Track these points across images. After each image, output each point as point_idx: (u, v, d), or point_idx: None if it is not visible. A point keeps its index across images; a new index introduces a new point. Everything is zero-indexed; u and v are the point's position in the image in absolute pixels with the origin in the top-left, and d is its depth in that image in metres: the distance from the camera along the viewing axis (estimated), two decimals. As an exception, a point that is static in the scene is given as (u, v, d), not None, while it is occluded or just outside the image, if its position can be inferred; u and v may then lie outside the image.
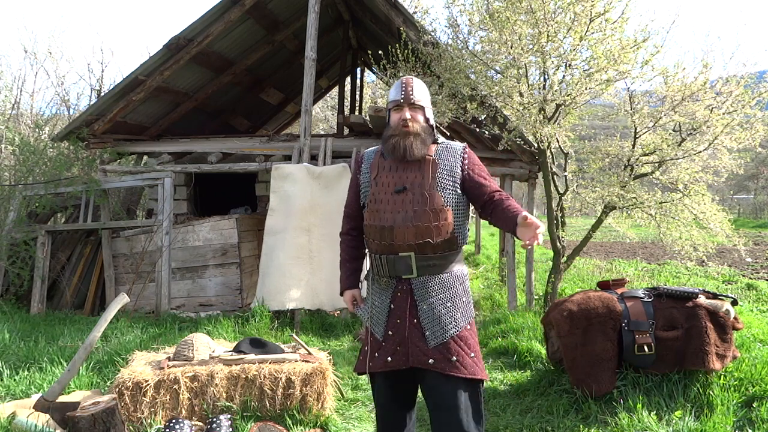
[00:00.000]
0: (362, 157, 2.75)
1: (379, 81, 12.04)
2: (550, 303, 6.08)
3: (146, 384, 3.42)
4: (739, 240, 5.94)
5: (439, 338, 2.46)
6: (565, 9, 5.25)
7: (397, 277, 2.53)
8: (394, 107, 2.60)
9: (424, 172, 2.53)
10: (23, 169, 7.16)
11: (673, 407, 3.54)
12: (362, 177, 2.68)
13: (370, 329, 2.61)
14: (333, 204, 6.63)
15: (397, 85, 2.63)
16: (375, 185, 2.59)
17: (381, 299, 2.57)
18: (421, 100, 2.59)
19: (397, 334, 2.50)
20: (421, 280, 2.51)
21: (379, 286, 2.59)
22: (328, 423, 3.56)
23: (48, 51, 14.80)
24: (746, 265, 12.05)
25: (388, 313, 2.53)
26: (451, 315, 2.49)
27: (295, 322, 6.16)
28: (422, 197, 2.48)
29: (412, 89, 2.59)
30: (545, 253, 12.94)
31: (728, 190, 22.46)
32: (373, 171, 2.63)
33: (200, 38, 6.84)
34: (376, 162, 2.64)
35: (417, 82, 2.64)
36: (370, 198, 2.59)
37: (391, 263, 2.51)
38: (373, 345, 2.57)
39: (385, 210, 2.52)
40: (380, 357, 2.52)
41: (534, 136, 5.77)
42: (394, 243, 2.49)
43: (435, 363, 2.43)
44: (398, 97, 2.59)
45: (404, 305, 2.51)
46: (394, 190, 2.52)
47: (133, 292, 6.80)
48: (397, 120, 2.57)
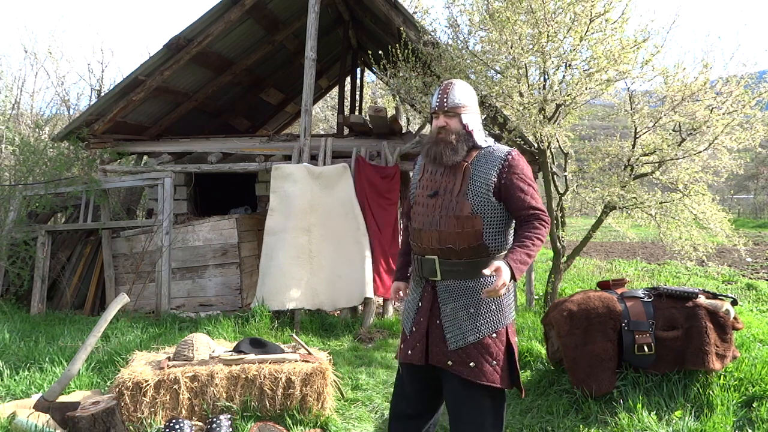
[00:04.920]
0: (418, 159, 2.83)
1: (379, 81, 12.05)
2: (550, 303, 6.08)
3: (146, 384, 3.41)
4: (739, 240, 5.94)
5: (459, 342, 2.49)
6: (565, 9, 5.25)
7: (425, 277, 2.61)
8: (433, 113, 2.62)
9: (456, 179, 2.54)
10: (23, 169, 7.15)
11: (673, 407, 3.54)
12: (414, 177, 2.79)
13: (402, 322, 2.76)
14: (333, 204, 6.63)
15: (436, 91, 2.64)
16: (419, 187, 2.69)
17: (413, 296, 2.70)
18: (457, 107, 2.54)
19: (419, 331, 2.59)
20: (445, 284, 2.54)
21: (414, 284, 2.72)
22: (328, 423, 3.56)
23: (48, 51, 14.75)
24: (746, 265, 12.05)
25: (417, 311, 2.63)
26: (474, 321, 2.48)
27: (295, 322, 6.16)
28: (450, 203, 2.51)
29: (447, 96, 2.55)
30: (545, 253, 12.93)
31: (728, 190, 22.40)
32: (420, 173, 2.73)
33: (200, 38, 6.83)
34: (424, 164, 2.72)
35: (457, 87, 2.59)
36: (414, 199, 2.70)
37: (419, 264, 2.62)
38: (403, 336, 2.72)
39: (419, 212, 2.61)
40: (404, 348, 2.65)
41: (534, 136, 5.77)
42: (422, 245, 2.58)
43: (453, 365, 2.48)
44: (434, 105, 2.60)
45: (428, 306, 2.59)
46: (428, 194, 2.59)
47: (133, 292, 6.80)
48: (434, 127, 2.61)
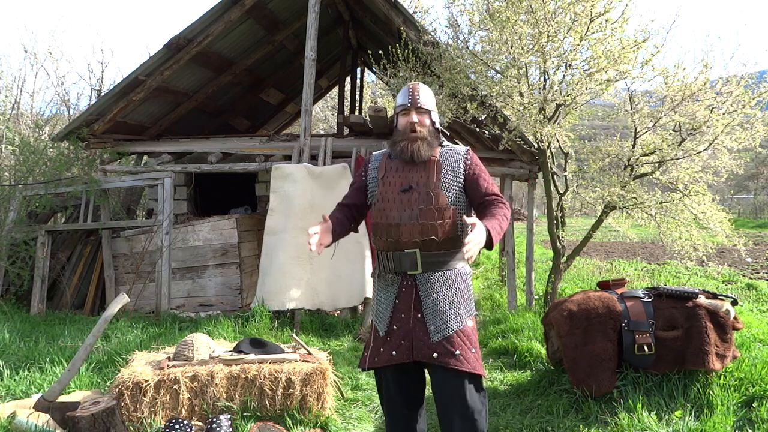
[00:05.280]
0: (369, 159, 2.85)
1: (379, 81, 12.06)
2: (550, 303, 6.08)
3: (146, 384, 3.42)
4: (739, 240, 5.94)
5: (443, 332, 2.53)
6: (565, 9, 5.25)
7: (402, 273, 2.61)
8: (401, 111, 2.73)
9: (429, 173, 2.63)
10: (23, 169, 7.15)
11: (673, 407, 3.54)
12: (369, 177, 2.79)
13: (375, 325, 2.69)
14: (333, 204, 6.55)
15: (405, 90, 2.74)
16: (382, 185, 2.68)
17: (386, 295, 2.66)
18: (427, 105, 2.71)
19: (402, 328, 2.59)
20: (425, 276, 2.59)
21: (385, 283, 2.68)
22: (328, 423, 3.56)
23: (48, 51, 14.79)
24: (746, 265, 12.05)
25: (393, 309, 2.62)
26: (454, 310, 2.57)
27: (295, 322, 6.16)
28: (427, 196, 2.58)
29: (419, 94, 2.70)
30: (545, 253, 12.94)
31: (728, 190, 22.42)
32: (380, 171, 2.73)
33: (200, 38, 6.83)
34: (384, 163, 2.74)
35: (423, 87, 2.75)
36: (378, 197, 2.68)
37: (397, 259, 2.60)
38: (377, 341, 2.65)
39: (392, 208, 2.62)
40: (385, 352, 2.60)
41: (534, 136, 5.77)
42: (401, 240, 2.58)
43: (439, 357, 2.50)
44: (406, 102, 2.71)
45: (409, 300, 2.59)
46: (401, 189, 2.62)
47: (133, 292, 6.80)
48: (405, 124, 2.69)
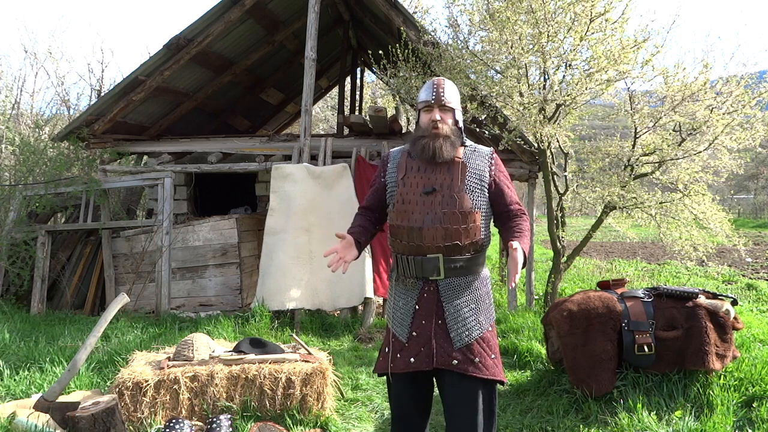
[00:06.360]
0: (388, 157, 2.70)
1: (379, 81, 12.05)
2: (550, 303, 6.08)
3: (146, 384, 3.42)
4: (739, 240, 5.94)
5: (464, 340, 2.46)
6: (565, 9, 5.25)
7: (423, 278, 2.50)
8: (424, 108, 2.57)
9: (453, 174, 2.50)
10: (23, 169, 7.16)
11: (673, 407, 3.54)
12: (388, 177, 2.64)
13: (392, 330, 2.58)
14: (333, 204, 6.63)
15: (428, 85, 2.59)
16: (402, 185, 2.54)
17: (405, 300, 2.54)
18: (451, 102, 2.55)
19: (422, 335, 2.48)
20: (447, 282, 2.49)
21: (404, 288, 2.55)
22: (328, 423, 3.56)
23: (48, 51, 14.81)
24: (746, 265, 12.05)
25: (413, 315, 2.51)
26: (476, 317, 2.49)
27: (295, 322, 6.16)
28: (451, 199, 2.46)
29: (443, 90, 2.54)
30: (545, 253, 12.93)
31: (728, 190, 22.42)
32: (400, 171, 2.58)
33: (200, 38, 6.84)
34: (404, 162, 2.59)
35: (449, 83, 2.59)
36: (398, 198, 2.54)
37: (418, 264, 2.48)
38: (395, 346, 2.55)
39: (413, 211, 2.48)
40: (402, 358, 2.50)
41: (534, 136, 5.77)
42: (423, 244, 2.46)
43: (458, 364, 2.43)
44: (429, 98, 2.54)
45: (430, 306, 2.49)
46: (423, 191, 2.48)
47: (133, 292, 6.80)
48: (427, 121, 2.54)
